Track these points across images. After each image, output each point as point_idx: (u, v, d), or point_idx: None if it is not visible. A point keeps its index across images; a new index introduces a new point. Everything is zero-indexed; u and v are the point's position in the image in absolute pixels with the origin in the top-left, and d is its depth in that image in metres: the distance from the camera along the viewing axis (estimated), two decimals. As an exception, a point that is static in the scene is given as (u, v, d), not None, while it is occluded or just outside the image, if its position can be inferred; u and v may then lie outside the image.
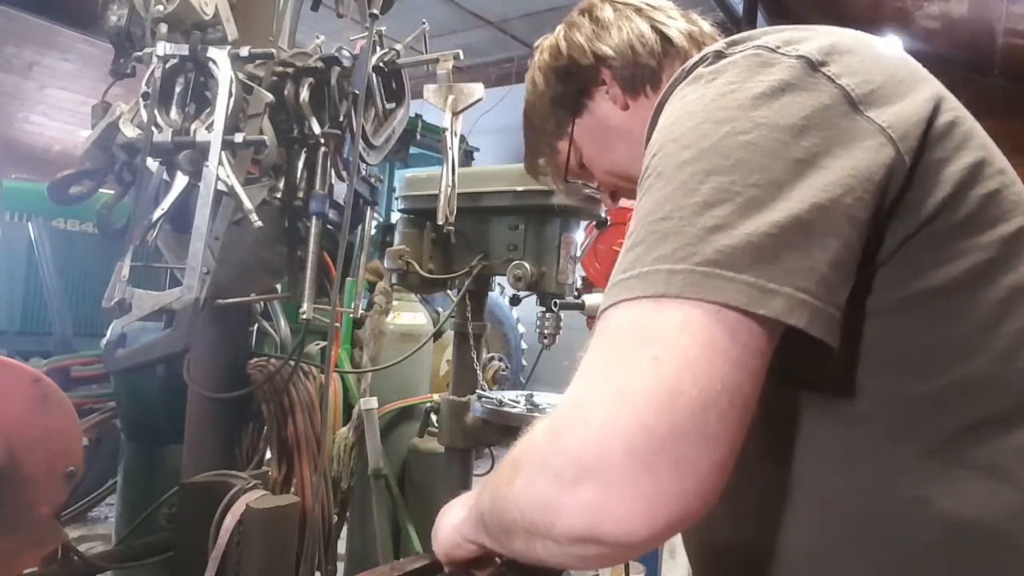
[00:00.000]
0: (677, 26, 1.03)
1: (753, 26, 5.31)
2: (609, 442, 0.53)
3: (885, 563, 0.62)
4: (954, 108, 0.67)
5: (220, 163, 1.27)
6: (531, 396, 1.76)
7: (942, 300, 0.61)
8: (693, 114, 0.64)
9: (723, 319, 0.54)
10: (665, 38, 1.01)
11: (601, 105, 1.05)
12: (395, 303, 2.53)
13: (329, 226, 1.46)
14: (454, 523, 0.84)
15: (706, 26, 1.06)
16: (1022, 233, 0.64)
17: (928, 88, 0.66)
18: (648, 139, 0.70)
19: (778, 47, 0.66)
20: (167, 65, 1.32)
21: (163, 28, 1.35)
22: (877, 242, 0.61)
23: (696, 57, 0.72)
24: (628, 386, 0.54)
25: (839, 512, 0.64)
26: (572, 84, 1.05)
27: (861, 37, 0.71)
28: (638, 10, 1.03)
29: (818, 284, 0.56)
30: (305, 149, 1.46)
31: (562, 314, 1.65)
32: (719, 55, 0.69)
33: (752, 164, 0.58)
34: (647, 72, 1.00)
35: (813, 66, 0.63)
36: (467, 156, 6.84)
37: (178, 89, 1.34)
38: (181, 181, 1.32)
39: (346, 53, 1.46)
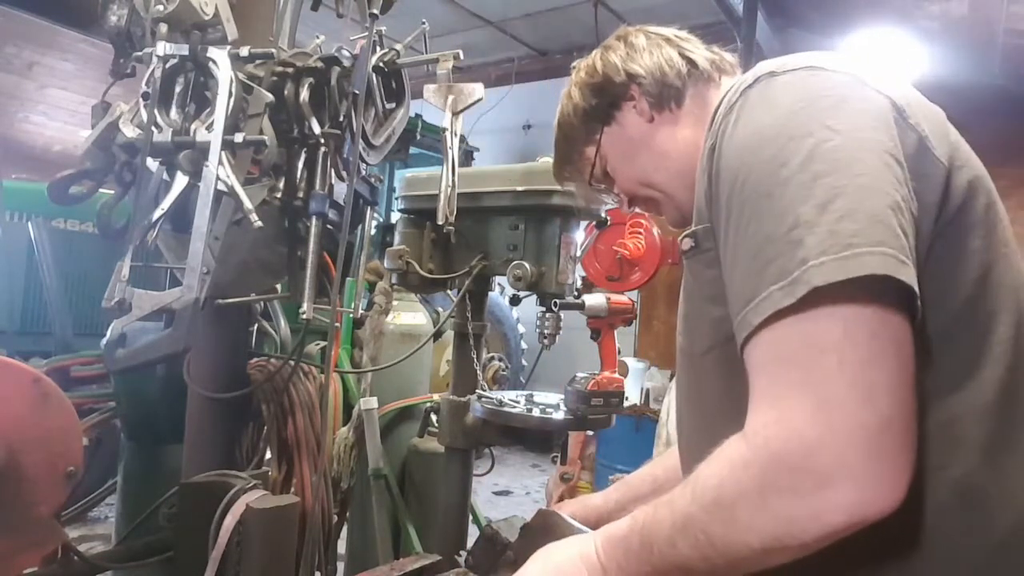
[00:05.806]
0: (703, 54, 1.15)
1: (752, 25, 5.31)
2: (838, 445, 0.64)
3: None
4: None
5: (220, 163, 1.26)
6: (531, 396, 1.76)
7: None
8: (773, 137, 0.77)
9: (870, 291, 0.66)
10: (691, 62, 1.12)
11: (628, 117, 1.15)
12: (395, 303, 2.53)
13: (329, 226, 1.46)
14: None
15: (728, 56, 1.17)
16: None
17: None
18: (711, 162, 0.84)
19: (825, 65, 0.81)
20: (167, 65, 1.32)
21: (163, 28, 1.35)
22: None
23: (749, 79, 0.85)
24: (829, 397, 0.65)
25: None
26: (604, 98, 1.16)
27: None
28: (667, 40, 1.16)
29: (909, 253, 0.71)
30: (305, 149, 1.46)
31: (562, 314, 1.64)
32: (772, 75, 0.83)
33: (847, 162, 0.72)
34: (673, 91, 1.11)
35: (862, 80, 0.79)
36: (467, 156, 6.83)
37: (178, 89, 1.34)
38: (181, 181, 1.32)
39: (346, 53, 1.46)
